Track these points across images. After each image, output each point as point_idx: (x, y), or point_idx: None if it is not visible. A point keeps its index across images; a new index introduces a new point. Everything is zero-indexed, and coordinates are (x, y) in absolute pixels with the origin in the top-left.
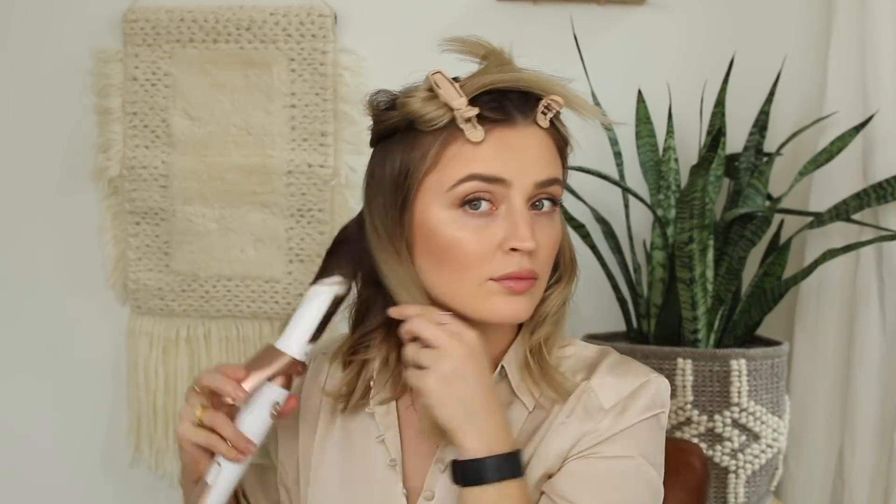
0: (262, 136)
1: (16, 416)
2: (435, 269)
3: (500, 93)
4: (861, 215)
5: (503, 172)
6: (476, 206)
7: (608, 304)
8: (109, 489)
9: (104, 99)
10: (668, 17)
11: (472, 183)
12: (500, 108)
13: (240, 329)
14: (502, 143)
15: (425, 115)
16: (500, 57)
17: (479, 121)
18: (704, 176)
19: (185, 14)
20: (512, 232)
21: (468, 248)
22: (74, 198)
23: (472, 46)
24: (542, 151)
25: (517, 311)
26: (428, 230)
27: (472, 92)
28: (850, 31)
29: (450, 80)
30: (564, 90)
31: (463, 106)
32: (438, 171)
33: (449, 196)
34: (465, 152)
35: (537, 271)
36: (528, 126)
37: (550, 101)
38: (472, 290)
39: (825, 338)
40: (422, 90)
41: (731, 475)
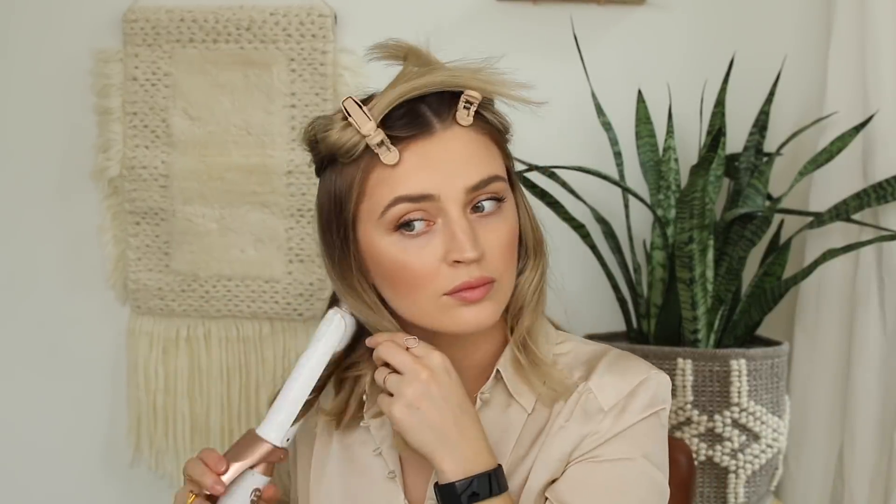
0: (262, 136)
1: (16, 416)
2: (392, 292)
3: (414, 102)
4: (861, 215)
5: (428, 188)
6: (410, 228)
7: (608, 304)
8: (109, 489)
9: (104, 99)
10: (668, 17)
11: (400, 206)
12: (413, 121)
13: (240, 329)
14: (422, 157)
15: (342, 146)
16: (418, 57)
17: (393, 140)
18: (704, 176)
19: (185, 14)
20: (451, 245)
21: (413, 269)
22: (74, 198)
23: (393, 49)
24: (469, 153)
25: (479, 318)
26: (374, 256)
27: (383, 111)
28: (850, 31)
29: (359, 105)
30: (481, 79)
31: (371, 131)
32: (367, 199)
33: (382, 222)
34: (387, 176)
35: (491, 275)
36: (448, 129)
37: (468, 98)
38: (430, 307)
39: (825, 338)
40: (337, 120)
41: (731, 475)
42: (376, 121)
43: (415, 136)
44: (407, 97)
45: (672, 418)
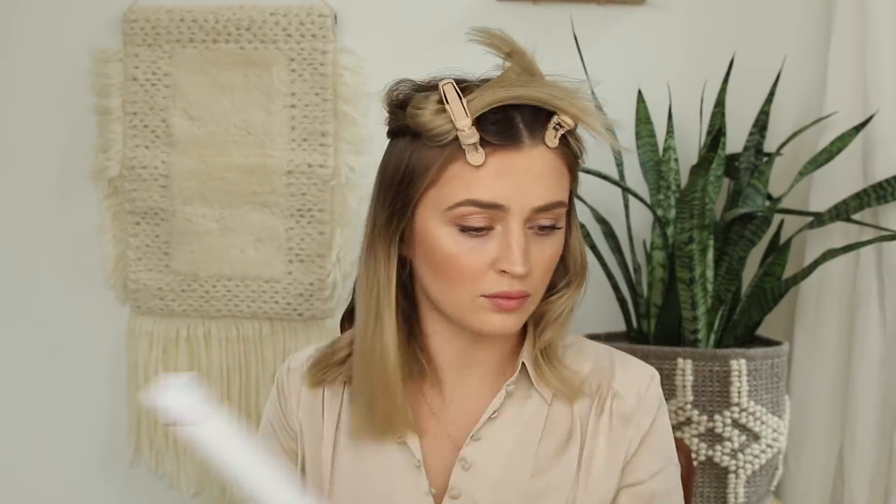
0: (262, 136)
1: (16, 416)
2: (432, 277)
3: (510, 108)
4: (861, 215)
5: (501, 199)
6: (471, 227)
7: (608, 304)
8: (109, 489)
9: (104, 99)
10: (668, 17)
11: (469, 208)
12: (506, 130)
13: (240, 329)
14: (504, 167)
15: (432, 129)
16: (522, 59)
17: (483, 143)
18: (704, 176)
19: (185, 14)
20: (505, 254)
21: (462, 265)
22: (74, 198)
23: (498, 41)
24: (545, 174)
25: (506, 326)
26: (427, 240)
27: (480, 109)
28: (850, 31)
29: (458, 95)
30: (577, 107)
31: (466, 128)
32: (438, 187)
33: (446, 214)
34: (465, 174)
35: (529, 290)
36: (534, 146)
37: (560, 122)
38: (464, 303)
39: (825, 338)
40: (432, 101)
41: (731, 475)
42: (472, 117)
43: (503, 146)
44: (505, 103)
45: (672, 418)
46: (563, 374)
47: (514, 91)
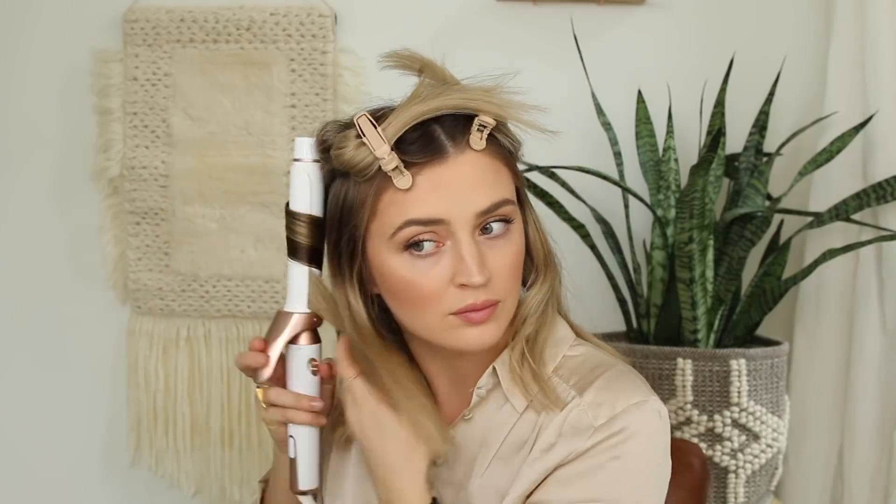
0: (262, 136)
1: (16, 416)
2: (398, 307)
3: (429, 122)
4: (861, 215)
5: (439, 212)
6: (420, 248)
7: (608, 304)
8: (109, 489)
9: (104, 99)
10: (668, 17)
11: (410, 229)
12: (427, 145)
13: (240, 329)
14: (434, 182)
15: (356, 164)
16: (433, 71)
17: (407, 165)
18: (704, 176)
19: (185, 14)
20: (459, 268)
21: (421, 288)
22: (74, 198)
23: (408, 60)
24: (480, 178)
25: (483, 338)
26: (382, 273)
27: (397, 132)
28: (850, 31)
29: (373, 124)
30: (495, 103)
31: (385, 155)
32: (378, 219)
33: (392, 242)
34: (398, 199)
35: (496, 297)
36: (460, 153)
37: (481, 123)
38: (436, 325)
39: (825, 338)
40: (351, 138)
41: (731, 475)
42: (390, 142)
43: (429, 162)
44: (421, 119)
45: (672, 418)
46: (542, 383)
47: (426, 105)
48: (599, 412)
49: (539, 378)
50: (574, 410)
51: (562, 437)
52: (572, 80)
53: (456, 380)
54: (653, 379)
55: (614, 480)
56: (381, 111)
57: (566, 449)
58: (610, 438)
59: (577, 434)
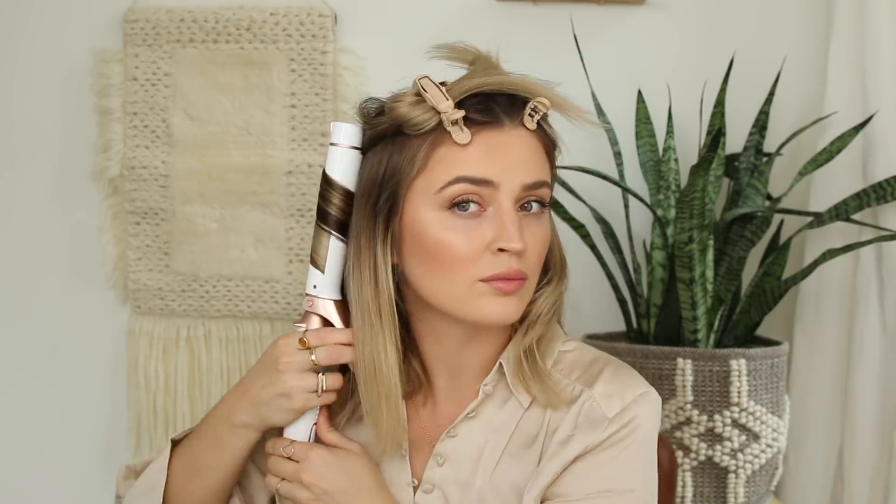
0: (262, 136)
1: (16, 416)
2: (425, 272)
3: (487, 96)
4: (861, 215)
5: (490, 174)
6: (464, 208)
7: (608, 304)
8: (109, 489)
9: (104, 99)
10: (668, 17)
11: (460, 185)
12: (487, 110)
13: (240, 329)
14: (490, 145)
15: (413, 118)
16: (488, 61)
17: (466, 123)
18: (704, 176)
19: (185, 14)
20: (500, 233)
21: (457, 248)
22: (74, 198)
23: (461, 52)
24: (529, 153)
25: (507, 312)
26: (417, 232)
27: (459, 95)
28: (850, 31)
29: (436, 84)
30: (550, 93)
31: (449, 109)
32: (426, 173)
33: (437, 198)
34: (453, 155)
35: (526, 272)
36: (515, 128)
37: (537, 104)
38: (462, 292)
39: (825, 338)
40: (409, 95)
41: (731, 475)
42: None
43: (486, 125)
44: (484, 89)
45: (672, 418)
46: (546, 380)
47: (488, 79)
48: (612, 404)
49: (541, 376)
50: (587, 403)
51: (578, 430)
52: (572, 81)
53: (454, 372)
54: (653, 379)
55: (627, 469)
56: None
57: (584, 440)
58: (622, 429)
59: (594, 425)
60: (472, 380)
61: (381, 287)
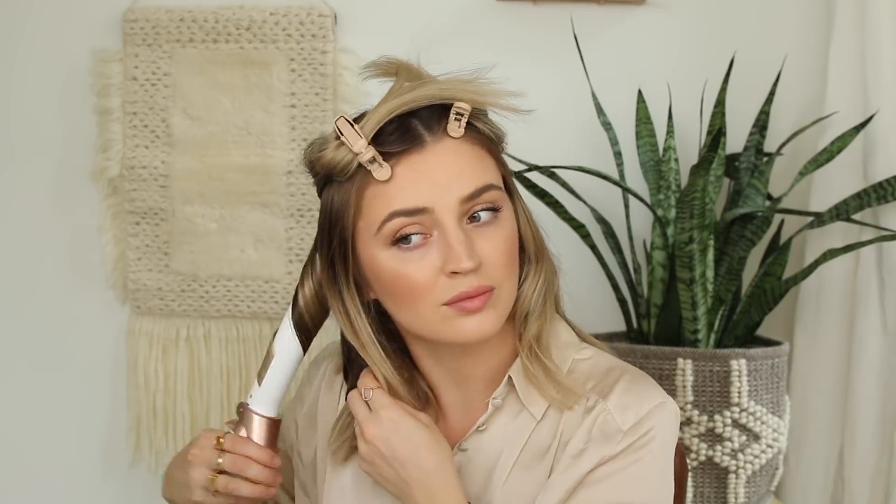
0: (262, 136)
1: (15, 416)
2: (393, 305)
3: (405, 116)
4: (861, 215)
5: (421, 201)
6: (407, 241)
7: (608, 304)
8: (109, 489)
9: (104, 99)
10: (668, 17)
11: (396, 221)
12: (404, 135)
13: (240, 329)
14: (414, 171)
15: (336, 165)
16: (409, 71)
17: (385, 156)
18: (704, 176)
19: (185, 14)
20: (448, 256)
21: (412, 280)
22: (74, 198)
23: (384, 66)
24: (461, 163)
25: (482, 327)
26: (374, 271)
27: (374, 127)
28: (850, 31)
29: (350, 123)
30: (470, 90)
31: (362, 149)
32: (363, 216)
33: (380, 237)
34: (381, 192)
35: (490, 283)
36: (438, 141)
37: (457, 109)
38: (431, 318)
39: (825, 338)
40: (331, 140)
41: (731, 475)
42: (367, 138)
43: (406, 151)
44: (397, 112)
45: None
46: (558, 378)
47: (401, 99)
48: (627, 416)
49: (552, 375)
50: (602, 415)
51: (591, 442)
52: (572, 81)
53: (460, 384)
54: (653, 379)
55: (642, 481)
56: (362, 114)
57: (597, 454)
58: (638, 441)
59: (608, 439)
60: (479, 391)
61: (358, 328)
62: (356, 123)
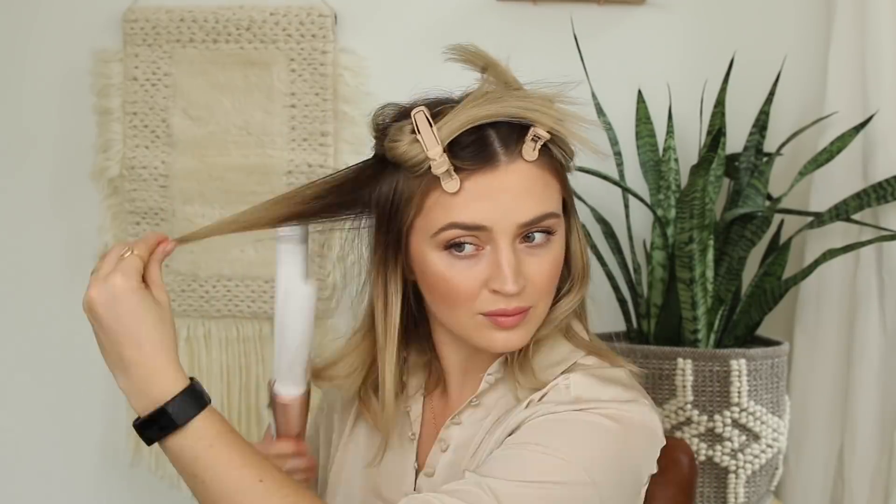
0: (262, 136)
1: (15, 417)
2: (432, 300)
3: (482, 128)
4: (861, 215)
5: (482, 220)
6: (460, 249)
7: (608, 304)
8: (109, 490)
9: (104, 99)
10: (668, 17)
11: (453, 231)
12: (479, 152)
13: (240, 329)
14: (482, 188)
15: (408, 161)
16: (496, 72)
17: (456, 168)
18: (704, 176)
19: (185, 14)
20: (495, 274)
21: (456, 287)
22: (74, 198)
23: (473, 57)
24: (527, 189)
25: (510, 342)
26: (421, 265)
27: (452, 134)
28: (850, 31)
29: (429, 122)
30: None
31: (437, 157)
32: (423, 216)
33: (434, 240)
34: (445, 200)
35: (528, 304)
36: (512, 162)
37: (535, 134)
38: (465, 322)
39: (825, 338)
40: (407, 132)
41: (731, 475)
42: (444, 144)
43: (479, 169)
44: (477, 123)
45: (672, 418)
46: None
47: (484, 110)
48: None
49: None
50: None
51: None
52: (572, 80)
53: (469, 369)
54: (653, 379)
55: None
56: (440, 106)
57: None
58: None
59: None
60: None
61: (390, 310)
62: (435, 118)
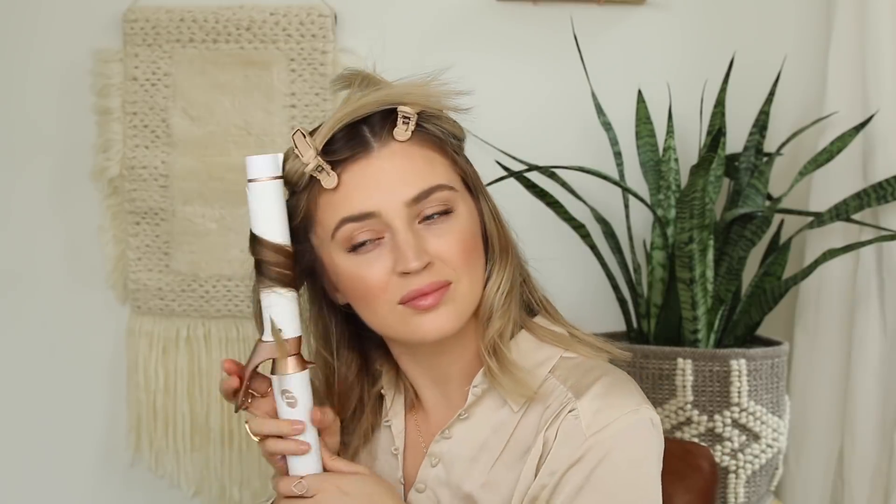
0: (262, 136)
1: (15, 416)
2: (358, 307)
3: (358, 123)
4: (861, 215)
5: (368, 206)
6: (362, 245)
7: (608, 304)
8: (109, 489)
9: (104, 99)
10: (668, 17)
11: (346, 227)
12: (350, 142)
13: (240, 329)
14: (360, 177)
15: (292, 177)
16: (364, 79)
17: (334, 165)
18: (704, 176)
19: (185, 14)
20: (397, 257)
21: (366, 281)
22: (74, 198)
23: (347, 78)
24: (407, 167)
25: (440, 324)
26: (335, 273)
27: (324, 137)
28: (850, 31)
29: (304, 135)
30: (415, 93)
31: (310, 160)
32: (319, 225)
33: (335, 244)
34: (331, 200)
35: (445, 278)
36: (385, 146)
37: (402, 113)
38: (390, 318)
39: (825, 338)
40: (291, 153)
41: (731, 475)
42: (318, 148)
43: (353, 157)
44: (347, 121)
45: (672, 418)
46: (514, 372)
47: (350, 106)
48: (593, 420)
49: (508, 369)
50: (569, 416)
51: (556, 443)
52: (572, 80)
53: (439, 383)
54: (653, 379)
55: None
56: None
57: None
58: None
59: (569, 440)
60: (458, 388)
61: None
62: (311, 134)
